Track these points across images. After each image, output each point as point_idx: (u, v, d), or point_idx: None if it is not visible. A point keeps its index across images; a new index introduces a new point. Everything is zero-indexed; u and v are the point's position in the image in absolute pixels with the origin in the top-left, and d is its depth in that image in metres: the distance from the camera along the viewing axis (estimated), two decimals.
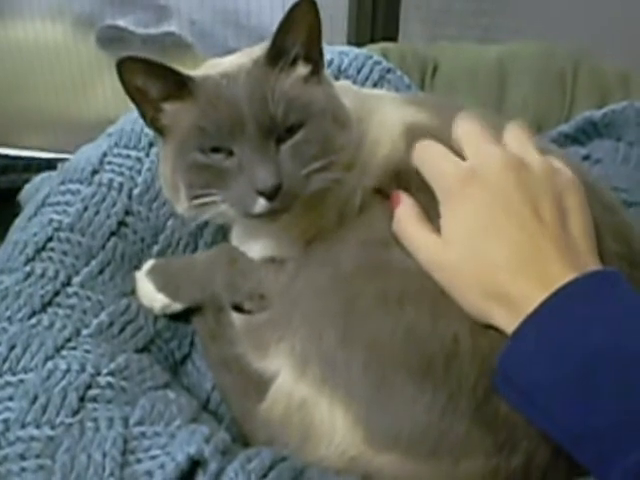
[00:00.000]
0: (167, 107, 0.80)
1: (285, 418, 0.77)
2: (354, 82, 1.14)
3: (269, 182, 0.74)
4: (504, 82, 1.28)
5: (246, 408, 0.83)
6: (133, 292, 0.91)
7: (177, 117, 0.79)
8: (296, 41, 0.79)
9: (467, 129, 0.78)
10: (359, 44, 1.36)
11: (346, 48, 1.22)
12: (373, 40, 1.68)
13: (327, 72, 0.87)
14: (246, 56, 0.82)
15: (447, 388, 0.70)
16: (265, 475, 0.67)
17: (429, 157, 0.78)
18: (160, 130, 0.82)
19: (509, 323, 0.67)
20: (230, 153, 0.76)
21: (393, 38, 1.78)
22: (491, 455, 0.69)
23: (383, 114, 0.88)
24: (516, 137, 0.78)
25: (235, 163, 0.76)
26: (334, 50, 1.19)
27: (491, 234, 0.71)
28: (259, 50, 0.81)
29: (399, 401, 0.71)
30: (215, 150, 0.77)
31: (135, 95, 0.79)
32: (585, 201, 0.74)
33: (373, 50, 1.26)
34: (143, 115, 0.81)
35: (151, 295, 0.90)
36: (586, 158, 1.11)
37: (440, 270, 0.73)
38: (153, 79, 0.77)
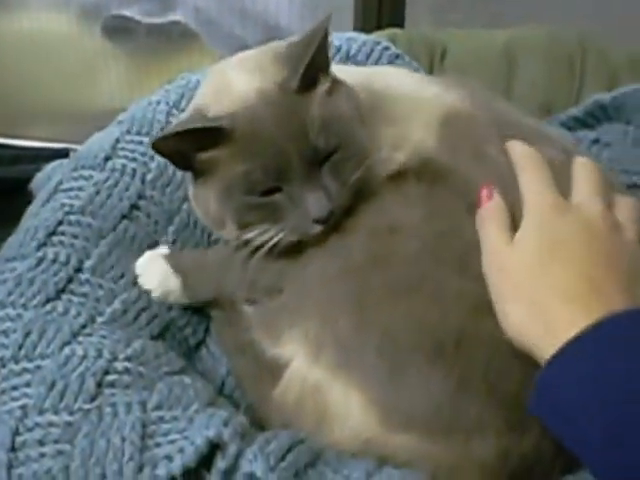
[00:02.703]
0: (201, 156, 0.78)
1: (299, 402, 0.77)
2: None
3: (323, 211, 0.76)
4: (513, 66, 1.27)
5: (261, 393, 0.83)
6: None
7: (213, 162, 0.77)
8: (319, 59, 0.77)
9: (589, 175, 0.78)
10: (366, 31, 1.35)
11: (354, 34, 1.21)
12: (379, 27, 1.67)
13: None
14: (257, 69, 0.79)
15: (458, 368, 0.71)
16: (283, 457, 0.68)
17: (533, 171, 0.78)
18: (193, 172, 0.81)
19: (545, 345, 0.66)
20: (278, 189, 0.76)
21: (399, 25, 1.77)
22: (503, 434, 0.70)
23: (417, 93, 0.88)
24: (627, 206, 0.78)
25: (285, 197, 0.76)
26: (342, 37, 1.18)
27: (559, 258, 0.71)
28: (269, 58, 0.79)
29: (413, 382, 0.72)
30: (263, 192, 0.77)
31: (172, 158, 0.79)
32: None
33: (381, 36, 1.25)
34: (175, 164, 0.81)
35: (165, 276, 0.89)
36: (595, 142, 1.10)
37: (498, 271, 0.73)
38: (186, 142, 0.76)
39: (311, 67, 0.76)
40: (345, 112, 0.79)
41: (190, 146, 0.77)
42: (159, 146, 0.76)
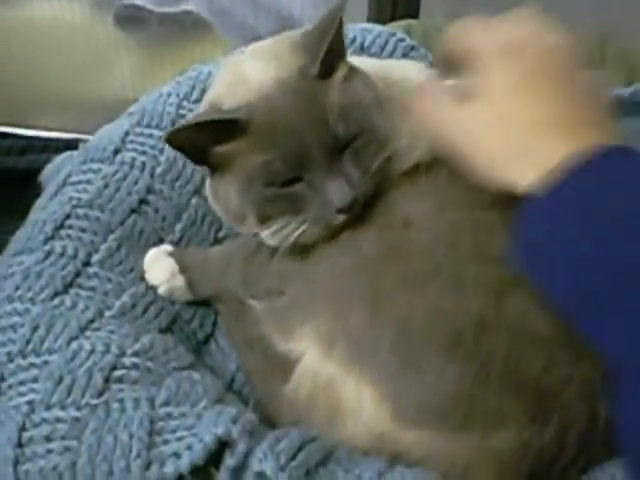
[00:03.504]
0: (218, 149, 0.77)
1: (311, 398, 0.76)
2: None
3: (346, 199, 0.75)
4: None
5: (271, 389, 0.82)
6: None
7: (230, 155, 0.77)
8: (336, 45, 0.76)
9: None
10: (380, 22, 1.34)
11: (369, 25, 1.20)
12: (394, 18, 1.66)
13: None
14: (273, 58, 0.78)
15: (478, 358, 0.69)
16: (294, 456, 0.67)
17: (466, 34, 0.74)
18: (209, 166, 0.80)
19: (528, 177, 0.65)
20: (299, 179, 0.76)
21: (414, 15, 1.75)
22: (523, 427, 0.68)
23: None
24: None
25: (307, 187, 0.76)
26: (356, 28, 1.17)
27: (526, 94, 0.68)
28: (285, 47, 0.78)
29: (428, 375, 0.70)
30: (283, 183, 0.76)
31: (187, 152, 0.78)
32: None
33: (396, 27, 1.24)
34: (190, 158, 0.80)
35: (172, 273, 0.89)
36: None
37: (466, 135, 0.70)
38: (202, 135, 0.76)
39: (330, 53, 0.75)
40: (364, 98, 0.78)
41: (205, 139, 0.76)
42: (172, 139, 0.75)
